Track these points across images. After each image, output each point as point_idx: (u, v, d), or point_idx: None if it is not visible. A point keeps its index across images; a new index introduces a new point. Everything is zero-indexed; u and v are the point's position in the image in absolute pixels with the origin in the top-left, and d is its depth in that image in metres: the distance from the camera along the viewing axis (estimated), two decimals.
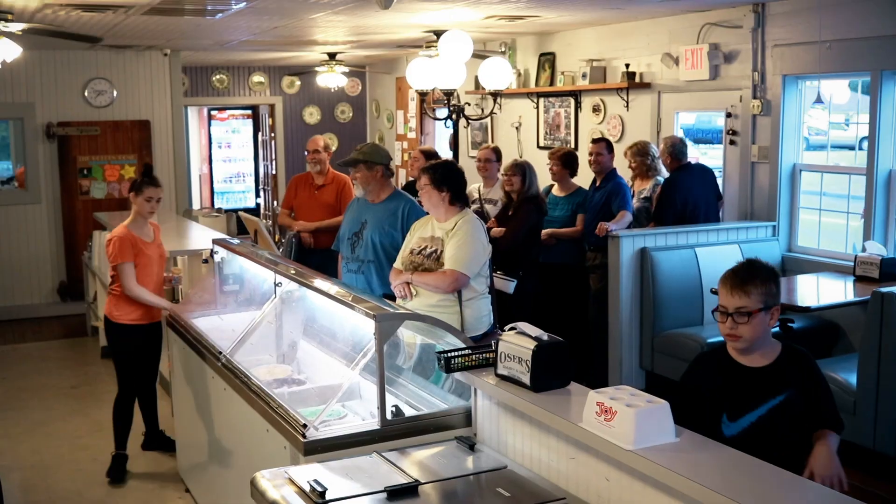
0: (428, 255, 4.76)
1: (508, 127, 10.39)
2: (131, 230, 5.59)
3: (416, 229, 4.98)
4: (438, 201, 4.81)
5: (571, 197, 7.53)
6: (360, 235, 5.55)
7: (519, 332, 3.33)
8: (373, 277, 5.45)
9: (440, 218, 4.85)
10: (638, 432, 2.70)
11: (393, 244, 5.38)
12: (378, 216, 5.55)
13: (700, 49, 7.73)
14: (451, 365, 3.46)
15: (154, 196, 5.64)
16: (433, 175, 4.80)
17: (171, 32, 8.94)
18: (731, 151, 7.67)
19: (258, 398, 3.89)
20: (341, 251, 5.73)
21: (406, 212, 5.51)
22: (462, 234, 4.72)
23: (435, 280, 4.67)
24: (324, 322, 4.47)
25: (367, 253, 5.48)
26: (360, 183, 5.61)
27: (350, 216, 5.74)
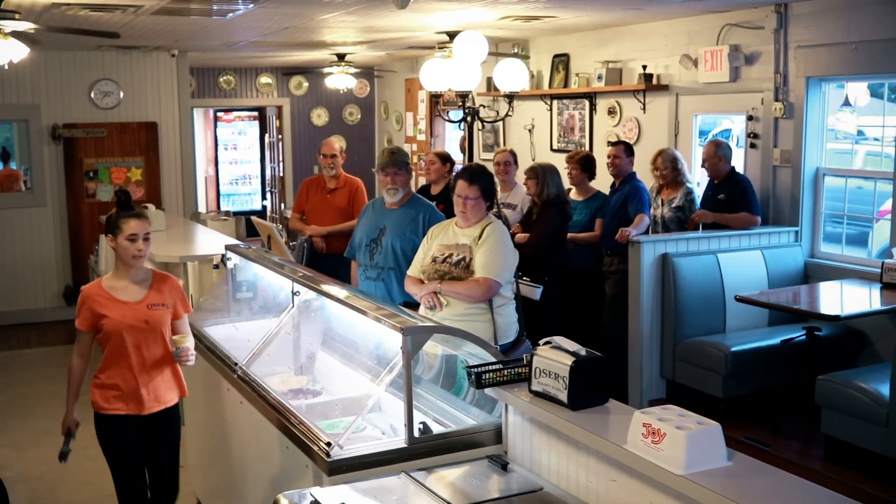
0: (455, 264, 4.59)
1: (521, 129, 10.24)
2: (105, 284, 4.14)
3: (433, 236, 4.82)
4: (481, 212, 4.66)
5: (590, 201, 7.39)
6: (378, 242, 5.38)
7: (554, 347, 3.18)
8: (393, 285, 5.29)
9: (463, 224, 4.69)
10: (689, 456, 2.54)
11: (414, 250, 5.19)
12: (398, 222, 5.39)
13: (720, 50, 7.57)
14: (482, 381, 3.30)
15: (139, 232, 4.01)
16: (485, 187, 4.64)
17: (180, 33, 8.79)
18: (752, 155, 7.51)
19: (277, 413, 3.73)
20: (357, 258, 5.55)
21: (427, 218, 5.36)
22: (492, 240, 4.58)
23: (467, 289, 4.52)
24: (344, 333, 4.30)
25: (387, 260, 5.33)
26: (399, 186, 5.43)
27: (366, 222, 5.56)
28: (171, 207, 10.62)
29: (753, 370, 6.34)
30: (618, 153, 7.38)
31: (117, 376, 4.18)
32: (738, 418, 6.12)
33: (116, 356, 4.17)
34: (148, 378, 4.17)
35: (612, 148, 7.51)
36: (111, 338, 4.14)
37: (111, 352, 4.18)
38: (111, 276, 4.18)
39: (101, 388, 4.24)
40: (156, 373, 4.19)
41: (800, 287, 6.87)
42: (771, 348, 6.36)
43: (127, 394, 4.16)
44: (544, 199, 6.83)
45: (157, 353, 4.17)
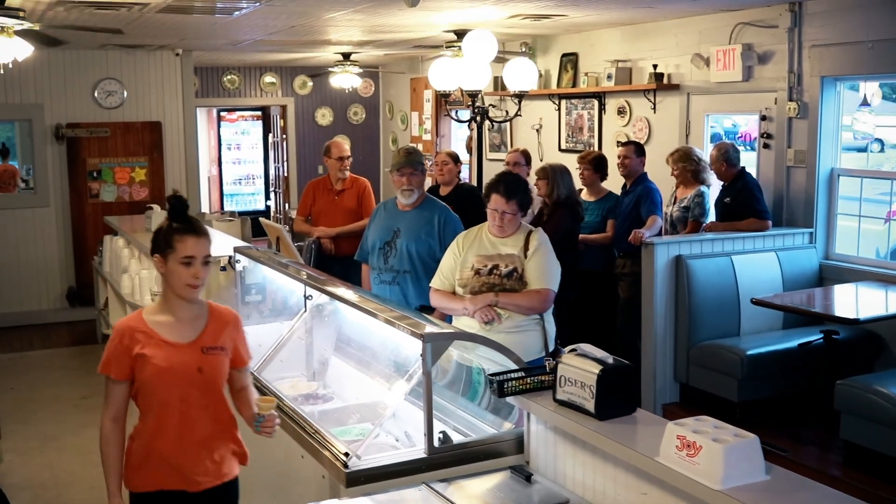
0: (506, 275, 4.40)
1: (528, 129, 10.13)
2: (148, 318, 3.18)
3: (464, 246, 4.55)
4: (517, 223, 4.49)
5: (602, 202, 7.30)
6: (392, 245, 5.26)
7: (580, 355, 3.08)
8: (409, 288, 5.18)
9: (501, 233, 4.49)
10: (727, 470, 2.45)
11: (430, 253, 5.14)
12: (412, 224, 5.27)
13: (732, 49, 7.46)
14: (504, 389, 3.21)
15: (197, 254, 3.10)
16: (522, 200, 4.46)
17: (185, 31, 8.69)
18: (765, 155, 7.41)
19: (291, 421, 3.63)
20: (370, 262, 5.41)
21: (443, 220, 5.26)
22: (544, 250, 4.45)
23: (528, 300, 4.36)
24: (358, 338, 4.20)
25: (403, 263, 5.20)
26: (415, 187, 5.30)
27: (378, 225, 5.42)
28: None
29: (769, 374, 6.24)
30: (628, 153, 7.28)
31: (159, 442, 3.18)
32: (754, 423, 6.00)
33: (159, 415, 3.17)
34: (200, 445, 3.19)
35: (622, 148, 7.42)
36: (153, 390, 3.15)
37: (152, 409, 3.20)
38: (155, 308, 3.20)
39: (136, 457, 3.24)
40: (211, 438, 3.21)
41: (814, 290, 6.77)
42: (787, 352, 6.26)
43: (172, 466, 3.19)
44: (554, 200, 6.73)
45: (212, 412, 3.19)
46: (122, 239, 8.35)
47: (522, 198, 4.44)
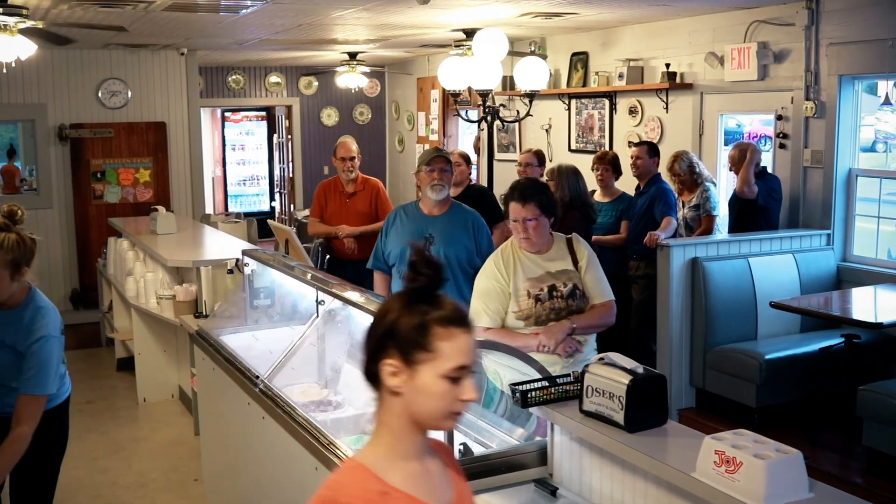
0: (569, 295, 3.99)
1: (538, 129, 10.01)
2: (379, 470, 1.90)
3: (508, 273, 4.02)
4: (546, 232, 4.08)
5: (616, 203, 7.17)
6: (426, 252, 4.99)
7: (608, 364, 2.95)
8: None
9: (529, 246, 4.06)
10: (769, 488, 2.32)
11: (469, 259, 4.93)
12: (446, 229, 4.99)
13: (748, 48, 7.33)
14: (528, 399, 3.08)
15: (467, 361, 1.90)
16: (542, 200, 4.00)
17: (191, 30, 8.57)
18: (781, 155, 7.28)
19: (303, 430, 3.51)
20: (399, 270, 5.00)
21: (477, 224, 5.05)
22: (594, 257, 4.12)
23: (600, 318, 4.03)
24: None
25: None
26: (446, 183, 5.03)
27: (403, 231, 5.05)
28: (180, 209, 10.40)
29: (788, 379, 6.11)
30: (641, 154, 7.17)
31: None
32: (773, 429, 5.88)
33: None
34: None
35: (635, 148, 7.31)
36: None
37: None
38: (382, 450, 1.92)
39: None
40: None
41: (832, 293, 6.63)
42: (806, 356, 6.13)
43: None
44: (563, 202, 6.58)
45: None
46: (126, 241, 8.23)
47: (542, 199, 3.99)
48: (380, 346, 1.89)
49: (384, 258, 5.16)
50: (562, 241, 4.13)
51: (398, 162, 14.04)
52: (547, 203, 4.01)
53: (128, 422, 6.91)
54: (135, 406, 7.24)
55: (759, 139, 7.78)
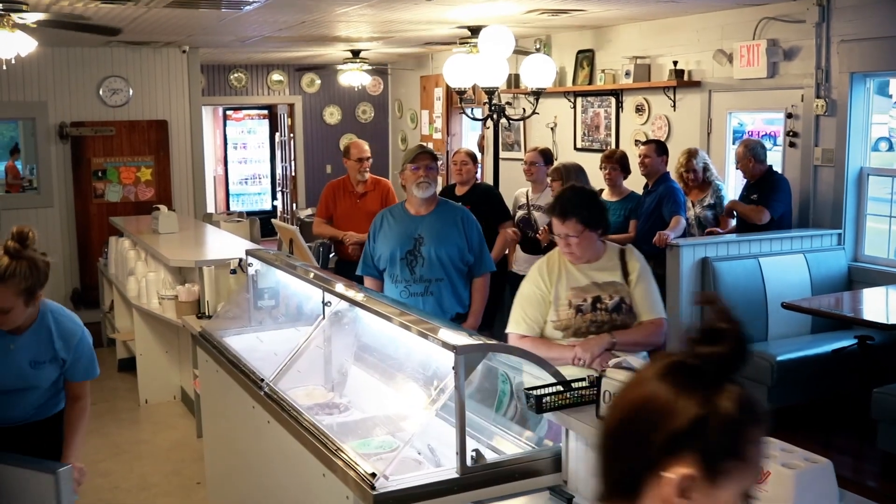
0: (614, 309, 3.72)
1: (543, 127, 9.92)
2: None
3: (551, 280, 3.80)
4: (593, 245, 3.78)
5: (624, 202, 7.07)
6: (416, 253, 4.81)
7: (626, 368, 2.86)
8: (445, 297, 4.80)
9: (575, 260, 3.79)
10: (798, 498, 2.23)
11: (461, 256, 4.84)
12: (435, 228, 4.86)
13: (757, 45, 7.24)
14: (542, 405, 2.98)
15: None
16: (584, 215, 3.69)
17: (193, 27, 8.48)
18: (791, 154, 7.19)
19: (310, 435, 3.41)
20: (391, 274, 4.86)
21: (466, 219, 4.95)
22: (647, 272, 3.83)
23: (645, 335, 3.73)
24: (380, 348, 3.95)
25: (435, 271, 4.79)
26: (432, 181, 4.88)
27: (391, 234, 4.89)
28: (182, 208, 10.30)
29: (800, 380, 6.02)
30: (648, 152, 7.07)
31: None
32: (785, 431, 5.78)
33: None
34: None
35: (643, 147, 7.21)
36: None
37: None
38: None
39: None
40: None
41: (843, 293, 6.54)
42: (818, 357, 6.05)
43: None
44: None
45: None
46: (128, 240, 8.14)
47: (584, 214, 3.68)
48: (666, 448, 1.35)
49: (374, 263, 4.96)
50: (615, 251, 3.86)
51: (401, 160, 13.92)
52: (590, 217, 3.71)
53: (129, 424, 6.82)
54: (136, 408, 7.14)
55: (761, 136, 7.71)
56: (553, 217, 3.79)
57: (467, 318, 4.86)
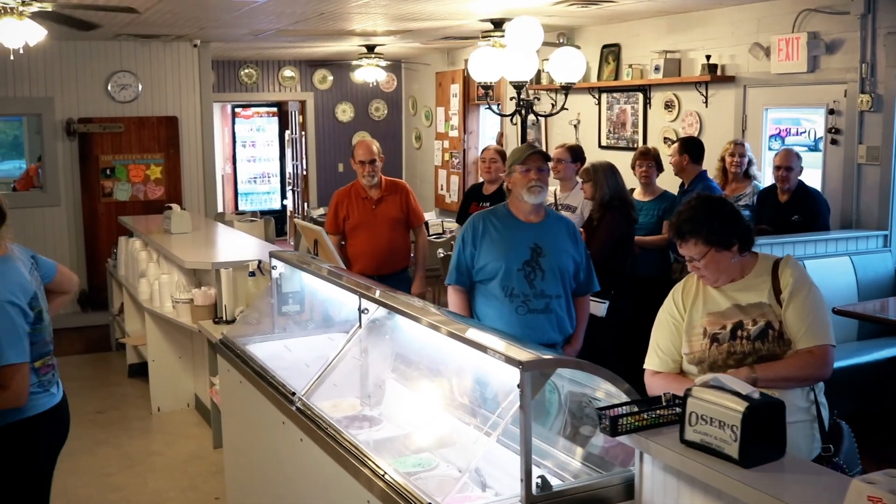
0: (758, 336, 3.11)
1: (566, 125, 9.60)
2: None
3: (686, 303, 3.27)
4: (729, 263, 3.18)
5: (657, 201, 6.76)
6: (536, 265, 4.23)
7: (716, 387, 2.55)
8: (564, 315, 4.33)
9: (727, 278, 3.22)
10: None
11: (576, 272, 4.38)
12: (551, 238, 4.32)
13: (796, 38, 6.92)
14: (618, 427, 2.67)
15: None
16: (707, 234, 3.13)
17: (206, 19, 8.18)
18: (833, 152, 6.87)
19: (353, 458, 3.10)
20: (505, 287, 4.24)
21: (575, 232, 4.46)
22: (807, 288, 3.14)
23: (800, 367, 3.09)
24: (427, 362, 3.62)
25: (555, 285, 4.26)
26: (544, 184, 4.31)
27: (504, 240, 4.27)
28: (192, 207, 10.00)
29: (849, 389, 5.68)
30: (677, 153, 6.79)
31: None
32: None
33: None
34: None
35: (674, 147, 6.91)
36: None
37: None
38: None
39: None
40: None
41: (888, 299, 6.24)
42: (868, 366, 5.75)
43: None
44: (599, 202, 6.14)
45: None
46: (138, 241, 7.83)
47: (703, 231, 3.12)
48: None
49: (470, 272, 4.35)
50: (766, 265, 3.22)
51: (415, 159, 13.65)
52: (714, 234, 3.12)
53: (141, 433, 6.51)
54: (148, 416, 6.83)
55: (783, 136, 7.41)
56: (676, 240, 3.23)
57: (571, 342, 4.43)
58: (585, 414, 3.04)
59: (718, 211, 3.19)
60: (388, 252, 6.12)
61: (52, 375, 3.45)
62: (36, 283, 3.37)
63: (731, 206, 3.26)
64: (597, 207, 6.18)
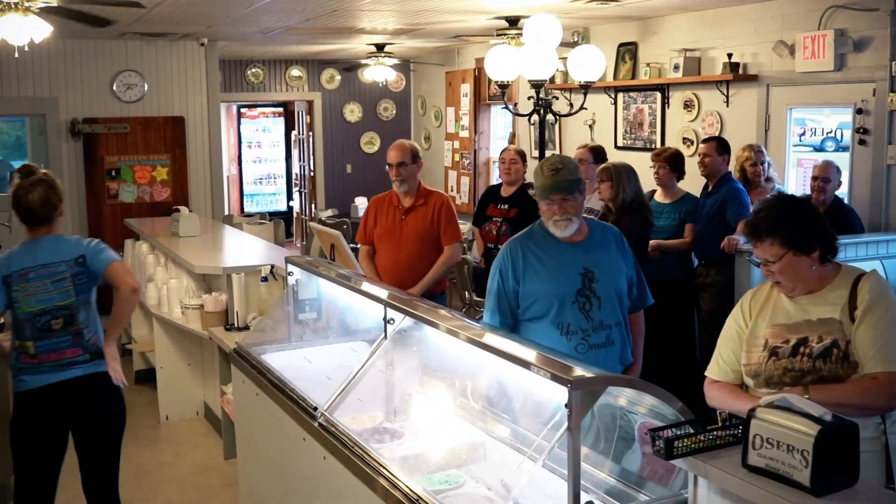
0: (820, 355, 2.85)
1: (581, 125, 9.40)
2: None
3: (753, 311, 3.05)
4: (807, 271, 2.92)
5: (678, 204, 6.56)
6: (588, 293, 3.68)
7: (782, 408, 2.35)
8: (625, 342, 3.82)
9: (804, 288, 2.96)
10: None
11: (630, 289, 3.86)
12: (600, 257, 3.77)
13: (823, 36, 6.72)
14: (673, 449, 2.47)
15: None
16: (785, 234, 2.87)
17: (214, 17, 8.00)
18: (861, 153, 6.67)
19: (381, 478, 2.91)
20: (559, 323, 3.68)
21: (620, 240, 3.92)
22: (885, 307, 2.85)
23: (858, 395, 2.80)
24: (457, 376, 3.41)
25: (613, 313, 3.73)
26: (573, 214, 3.70)
27: (549, 268, 3.72)
28: (199, 209, 9.81)
29: None
30: (709, 150, 6.56)
31: None
32: None
33: None
34: None
35: (703, 145, 6.70)
36: None
37: None
38: None
39: None
40: None
41: None
42: None
43: None
44: (619, 204, 5.92)
45: None
46: (146, 244, 7.65)
47: (781, 232, 2.87)
48: None
49: (514, 312, 3.78)
50: (847, 279, 2.95)
51: (424, 160, 13.44)
52: (794, 235, 2.87)
53: (149, 443, 6.31)
54: (156, 424, 6.64)
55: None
56: (752, 238, 2.97)
57: (631, 368, 3.89)
58: (635, 434, 2.85)
59: (800, 211, 2.94)
60: (410, 269, 5.38)
61: (30, 366, 3.88)
62: (50, 273, 3.91)
63: (814, 208, 3.02)
64: (615, 209, 5.97)
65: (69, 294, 3.89)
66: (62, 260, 3.92)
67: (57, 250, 3.94)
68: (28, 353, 3.85)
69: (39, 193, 3.92)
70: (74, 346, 3.91)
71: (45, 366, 3.85)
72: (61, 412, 3.92)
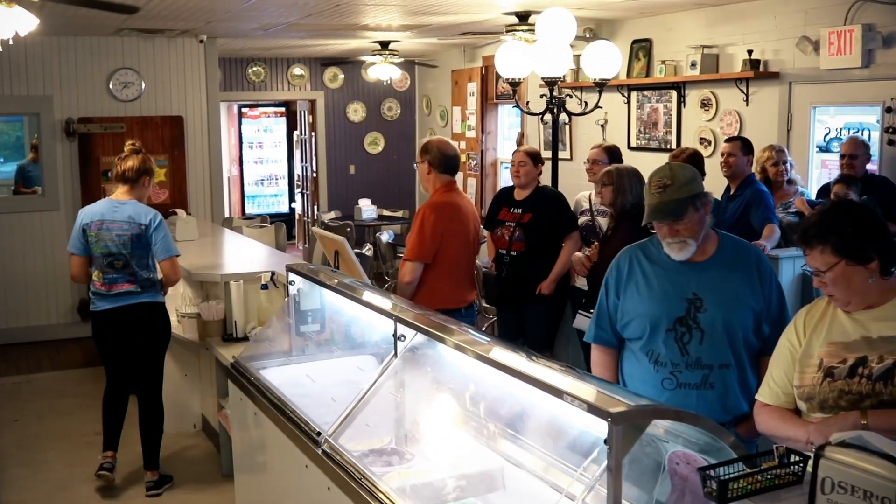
0: (880, 376, 2.57)
1: (592, 125, 9.09)
2: None
3: (808, 328, 2.78)
4: (864, 283, 2.61)
5: None
6: (691, 323, 3.17)
7: (856, 446, 2.05)
8: (730, 390, 3.21)
9: (861, 302, 2.67)
10: None
11: (757, 327, 3.23)
12: (719, 284, 3.20)
13: (849, 31, 6.42)
14: (727, 492, 2.17)
15: None
16: (838, 242, 2.59)
17: (214, 12, 7.69)
18: (890, 153, 6.38)
19: None
20: (649, 351, 3.24)
21: (761, 266, 3.27)
22: None
23: None
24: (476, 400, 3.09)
25: (719, 352, 3.17)
26: (688, 237, 3.17)
27: (653, 287, 3.26)
28: (198, 212, 9.52)
29: None
30: (733, 150, 6.26)
31: None
32: None
33: None
34: None
35: (726, 144, 6.40)
36: None
37: None
38: None
39: None
40: None
41: None
42: None
43: None
44: (618, 210, 5.50)
45: None
46: None
47: (833, 239, 2.58)
48: None
49: (613, 327, 3.39)
50: None
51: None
52: (848, 243, 2.58)
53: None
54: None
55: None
56: (803, 246, 2.69)
57: (746, 420, 3.17)
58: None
59: (855, 217, 2.64)
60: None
61: (100, 293, 5.22)
62: (117, 228, 5.18)
63: (873, 214, 2.71)
64: (615, 215, 5.57)
65: (126, 247, 5.12)
66: (126, 220, 5.14)
67: (125, 212, 5.17)
68: (98, 282, 5.17)
69: (133, 161, 5.46)
70: (129, 281, 5.13)
71: (109, 294, 5.15)
72: (121, 327, 5.17)
